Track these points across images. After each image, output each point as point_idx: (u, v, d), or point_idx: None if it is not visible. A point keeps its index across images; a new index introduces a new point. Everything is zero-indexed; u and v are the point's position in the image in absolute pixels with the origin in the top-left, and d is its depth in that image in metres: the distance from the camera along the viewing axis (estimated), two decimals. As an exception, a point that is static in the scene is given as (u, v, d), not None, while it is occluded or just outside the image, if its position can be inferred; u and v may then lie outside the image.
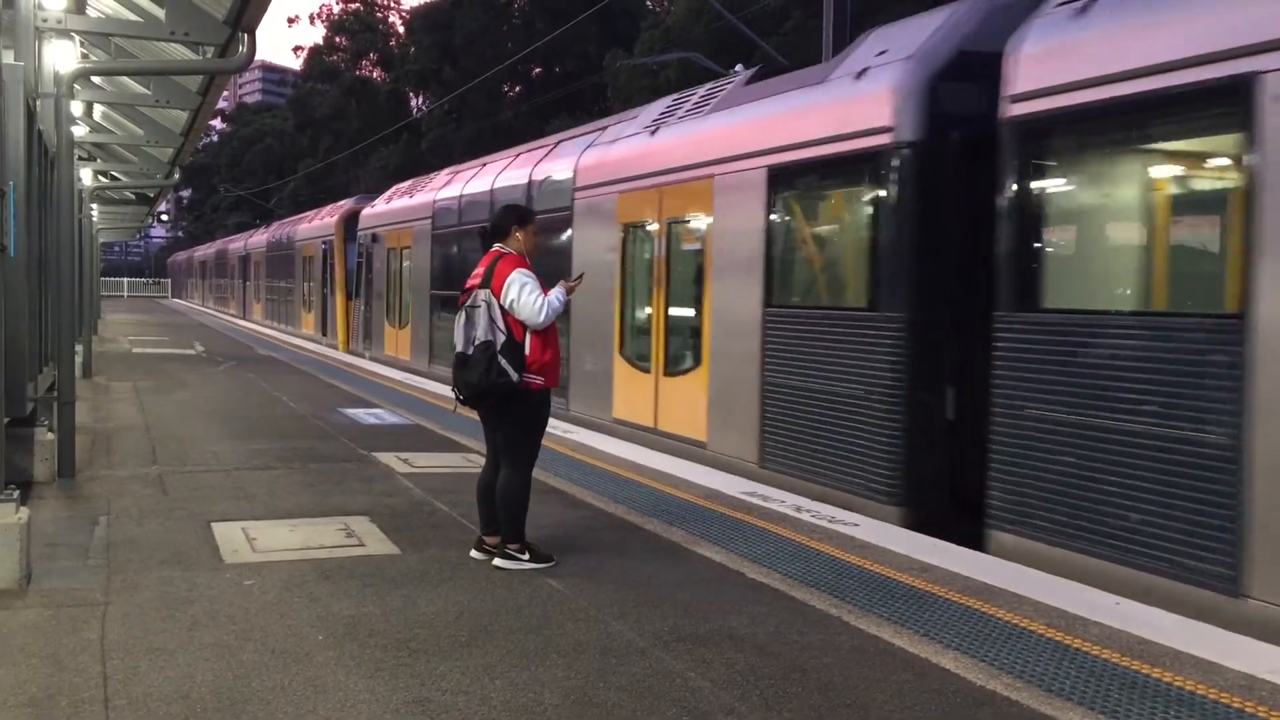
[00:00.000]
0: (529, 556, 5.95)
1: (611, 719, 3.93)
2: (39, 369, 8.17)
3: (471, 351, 5.90)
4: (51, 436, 8.13)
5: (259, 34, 8.66)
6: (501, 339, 5.86)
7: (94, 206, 22.80)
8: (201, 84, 12.05)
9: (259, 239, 38.61)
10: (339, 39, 67.52)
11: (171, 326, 33.49)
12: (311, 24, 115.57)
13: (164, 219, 49.96)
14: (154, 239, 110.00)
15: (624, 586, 5.60)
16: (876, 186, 7.60)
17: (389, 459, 9.30)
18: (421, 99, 62.34)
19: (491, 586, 5.58)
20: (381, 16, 67.88)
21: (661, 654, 4.60)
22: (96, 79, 12.57)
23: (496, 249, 6.17)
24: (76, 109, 12.05)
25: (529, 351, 5.94)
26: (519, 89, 57.16)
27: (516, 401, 5.94)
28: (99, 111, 15.43)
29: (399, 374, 17.81)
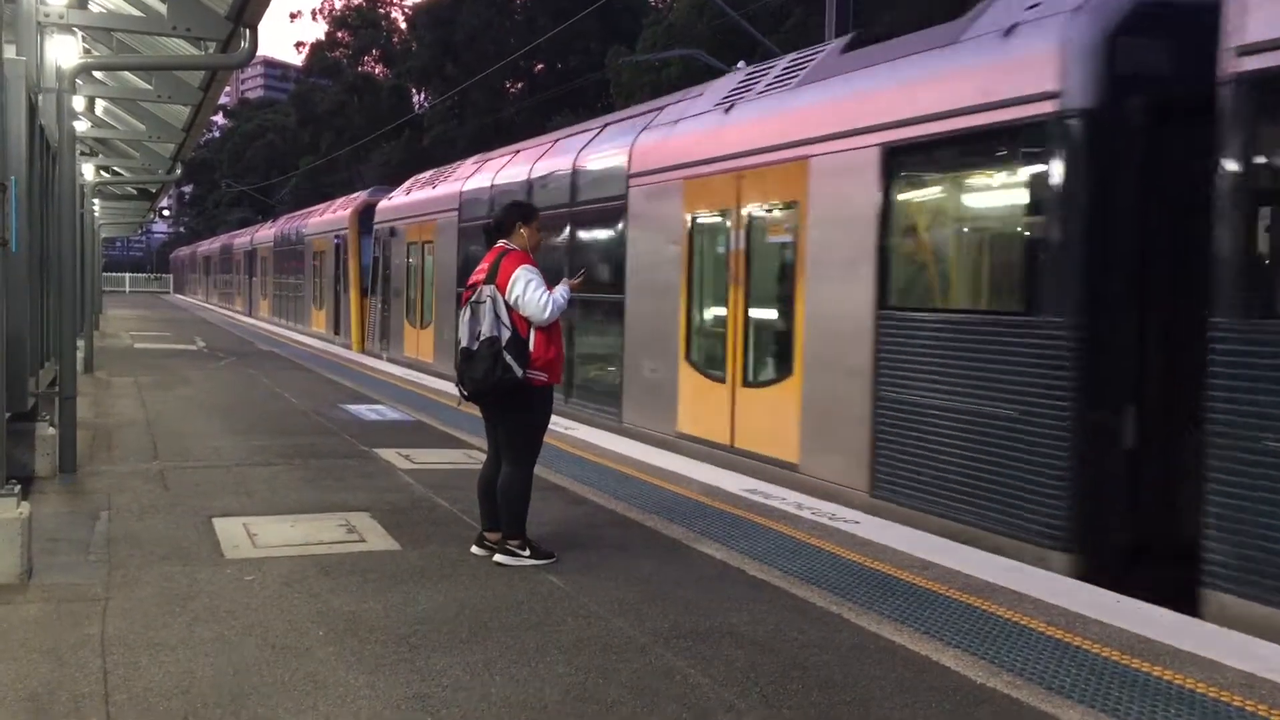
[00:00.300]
0: (530, 553, 5.95)
1: (612, 715, 3.93)
2: (40, 364, 8.16)
3: (476, 347, 5.92)
4: (53, 431, 8.13)
5: (261, 29, 8.68)
6: (507, 335, 5.87)
7: (96, 202, 22.78)
8: (203, 79, 12.08)
9: (266, 233, 37.58)
10: (341, 34, 67.56)
11: (173, 322, 33.50)
12: (314, 19, 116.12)
13: (166, 214, 49.87)
14: (155, 234, 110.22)
15: (625, 583, 5.60)
16: (1035, 164, 6.44)
17: (390, 455, 9.30)
18: (423, 95, 62.36)
19: (492, 582, 5.59)
20: (384, 12, 67.93)
21: (662, 650, 4.61)
22: (98, 74, 12.57)
23: (501, 245, 6.19)
24: (78, 104, 12.04)
25: (533, 348, 5.95)
26: (521, 85, 57.20)
27: (520, 397, 5.96)
28: (101, 106, 15.47)
29: (401, 370, 17.79)
